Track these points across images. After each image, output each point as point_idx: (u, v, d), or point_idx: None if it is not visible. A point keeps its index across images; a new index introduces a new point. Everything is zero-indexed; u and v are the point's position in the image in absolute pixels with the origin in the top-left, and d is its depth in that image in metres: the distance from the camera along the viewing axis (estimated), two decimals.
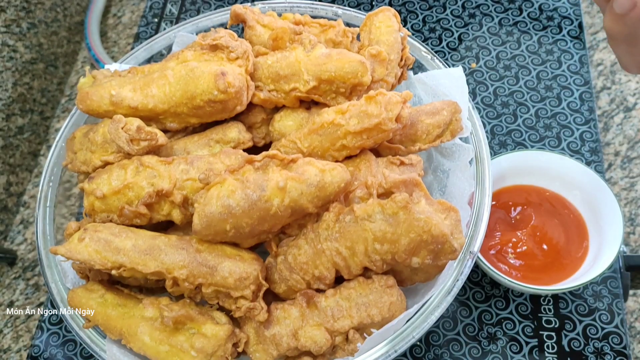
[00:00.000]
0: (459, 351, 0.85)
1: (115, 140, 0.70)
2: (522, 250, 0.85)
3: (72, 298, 0.70)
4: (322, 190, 0.63)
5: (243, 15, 0.82)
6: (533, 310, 0.87)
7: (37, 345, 0.89)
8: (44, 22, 1.35)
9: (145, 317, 0.66)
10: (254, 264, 0.66)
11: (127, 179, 0.69)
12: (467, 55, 1.13)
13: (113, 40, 1.46)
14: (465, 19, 1.17)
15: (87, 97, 0.74)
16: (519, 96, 1.06)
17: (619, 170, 1.17)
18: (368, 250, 0.64)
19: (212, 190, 0.63)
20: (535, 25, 1.15)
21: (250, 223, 0.63)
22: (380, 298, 0.66)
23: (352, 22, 0.90)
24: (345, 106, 0.70)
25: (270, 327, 0.67)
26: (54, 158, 0.83)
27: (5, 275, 1.16)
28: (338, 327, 0.66)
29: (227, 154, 0.70)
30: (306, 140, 0.72)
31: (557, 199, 0.89)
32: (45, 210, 0.79)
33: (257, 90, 0.76)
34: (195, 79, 0.70)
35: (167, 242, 0.66)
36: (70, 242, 0.66)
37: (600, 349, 0.84)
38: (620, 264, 0.89)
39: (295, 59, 0.74)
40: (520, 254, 0.85)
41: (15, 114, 1.25)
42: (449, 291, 0.67)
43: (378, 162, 0.73)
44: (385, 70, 0.77)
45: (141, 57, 0.91)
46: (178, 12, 1.24)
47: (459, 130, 0.77)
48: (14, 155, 1.24)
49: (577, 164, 0.88)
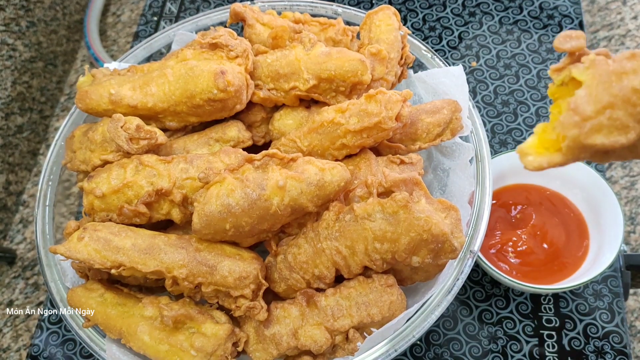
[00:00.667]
0: (459, 350, 0.84)
1: (115, 139, 0.70)
2: (522, 249, 0.84)
3: (71, 297, 0.69)
4: (322, 189, 0.63)
5: (242, 14, 0.81)
6: (533, 309, 0.87)
7: (36, 344, 0.89)
8: (43, 20, 1.34)
9: (144, 316, 0.66)
10: (254, 263, 0.66)
11: (127, 178, 0.69)
12: (468, 54, 1.12)
13: (112, 38, 1.46)
14: (465, 17, 1.17)
15: (87, 95, 0.74)
16: (519, 95, 1.06)
17: (620, 169, 1.17)
18: (368, 249, 0.64)
19: (212, 189, 0.63)
20: (535, 24, 1.15)
21: (249, 222, 0.63)
22: (380, 297, 0.66)
23: (352, 20, 0.90)
24: (345, 105, 0.69)
25: (270, 326, 0.67)
26: (53, 157, 0.83)
27: (4, 274, 1.16)
28: (338, 327, 0.66)
29: (227, 152, 0.70)
30: (306, 139, 0.72)
31: (558, 198, 0.89)
32: (45, 209, 0.79)
33: (257, 89, 0.76)
34: (195, 78, 0.70)
35: (166, 241, 0.66)
36: (69, 241, 0.66)
37: (600, 348, 0.84)
38: (621, 263, 0.89)
39: (295, 57, 0.73)
40: (521, 253, 0.84)
41: (15, 112, 1.25)
42: (449, 290, 0.67)
43: (378, 161, 0.73)
44: (385, 68, 0.77)
45: (140, 55, 0.91)
46: (177, 11, 1.24)
47: (459, 129, 0.77)
48: (13, 154, 1.24)
49: (577, 163, 0.88)
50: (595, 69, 0.38)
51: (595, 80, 0.38)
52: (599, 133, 0.37)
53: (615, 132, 0.37)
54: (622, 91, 0.37)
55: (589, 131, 0.37)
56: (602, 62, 0.38)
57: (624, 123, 0.37)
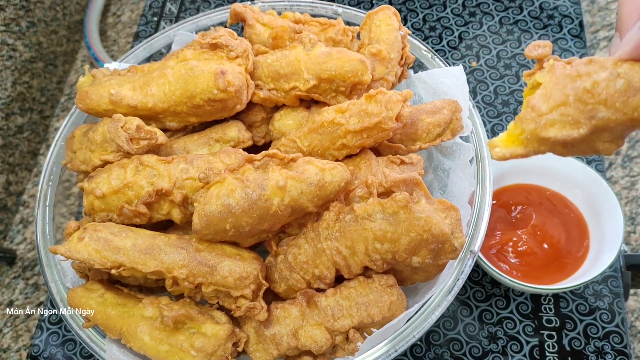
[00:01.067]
0: (459, 350, 0.84)
1: (115, 139, 0.70)
2: (522, 250, 0.84)
3: (71, 297, 0.69)
4: (322, 189, 0.63)
5: (243, 14, 0.81)
6: (534, 309, 0.87)
7: (36, 344, 0.89)
8: (44, 20, 1.34)
9: (145, 317, 0.66)
10: (254, 263, 0.66)
11: (127, 178, 0.69)
12: (468, 54, 1.12)
13: (112, 39, 1.45)
14: (465, 17, 1.17)
15: (87, 96, 0.74)
16: (519, 95, 1.06)
17: (620, 169, 1.17)
18: (368, 250, 0.63)
19: (212, 190, 0.63)
20: (535, 24, 1.15)
21: (250, 222, 0.63)
22: (380, 297, 0.66)
23: (352, 20, 0.90)
24: (346, 105, 0.69)
25: (270, 326, 0.67)
26: (54, 157, 0.83)
27: (4, 274, 1.16)
28: (338, 327, 0.65)
29: (227, 153, 0.69)
30: (306, 139, 0.72)
31: (558, 198, 0.89)
32: (45, 209, 0.79)
33: (257, 89, 0.76)
34: (195, 78, 0.70)
35: (166, 242, 0.66)
36: (69, 242, 0.66)
37: (600, 348, 0.84)
38: (621, 263, 0.89)
39: (295, 57, 0.73)
40: (521, 253, 0.84)
41: (15, 113, 1.25)
42: (450, 290, 0.67)
43: (378, 161, 0.73)
44: (386, 69, 0.77)
45: (141, 56, 0.91)
46: (177, 11, 1.24)
47: (459, 129, 0.77)
48: (13, 154, 1.24)
49: (577, 163, 0.88)
50: (553, 72, 0.44)
51: (552, 82, 0.43)
52: (552, 127, 0.43)
53: (567, 127, 0.43)
54: (575, 91, 0.42)
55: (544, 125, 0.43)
56: (560, 66, 0.44)
57: (575, 119, 0.42)
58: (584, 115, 0.42)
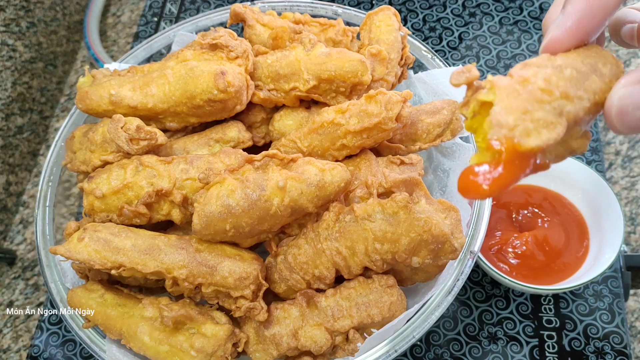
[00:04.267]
0: (459, 351, 0.84)
1: (115, 139, 0.70)
2: (522, 250, 0.84)
3: (71, 298, 0.69)
4: (322, 189, 0.63)
5: (243, 15, 0.81)
6: (534, 309, 0.87)
7: (36, 345, 0.89)
8: (43, 21, 1.34)
9: (145, 317, 0.66)
10: (254, 264, 0.66)
11: (127, 178, 0.69)
12: (468, 54, 1.12)
13: (112, 39, 1.45)
14: (465, 18, 1.17)
15: (87, 96, 0.74)
16: None
17: (620, 169, 1.17)
18: (368, 250, 0.63)
19: (212, 190, 0.63)
20: (535, 25, 1.15)
21: (250, 223, 0.63)
22: (380, 298, 0.66)
23: (352, 21, 0.90)
24: (345, 105, 0.69)
25: (270, 327, 0.67)
26: (54, 158, 0.83)
27: (4, 275, 1.16)
28: (338, 327, 0.65)
29: (227, 153, 0.69)
30: (306, 140, 0.72)
31: (558, 199, 0.89)
32: (45, 210, 0.79)
33: (257, 89, 0.76)
34: (195, 79, 0.70)
35: (166, 242, 0.66)
36: (69, 242, 0.66)
37: (600, 349, 0.84)
38: (621, 264, 0.89)
39: (295, 58, 0.73)
40: (521, 254, 0.84)
41: (15, 113, 1.24)
42: (450, 291, 0.67)
43: (378, 161, 0.73)
44: (386, 69, 0.77)
45: (140, 56, 0.91)
46: (177, 11, 1.24)
47: (459, 130, 0.77)
48: (13, 154, 1.24)
49: (577, 164, 0.88)
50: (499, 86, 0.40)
51: (504, 94, 0.39)
52: (529, 136, 0.38)
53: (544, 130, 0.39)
54: (532, 94, 0.39)
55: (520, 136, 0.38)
56: (502, 78, 0.40)
57: (547, 121, 0.39)
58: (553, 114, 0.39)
